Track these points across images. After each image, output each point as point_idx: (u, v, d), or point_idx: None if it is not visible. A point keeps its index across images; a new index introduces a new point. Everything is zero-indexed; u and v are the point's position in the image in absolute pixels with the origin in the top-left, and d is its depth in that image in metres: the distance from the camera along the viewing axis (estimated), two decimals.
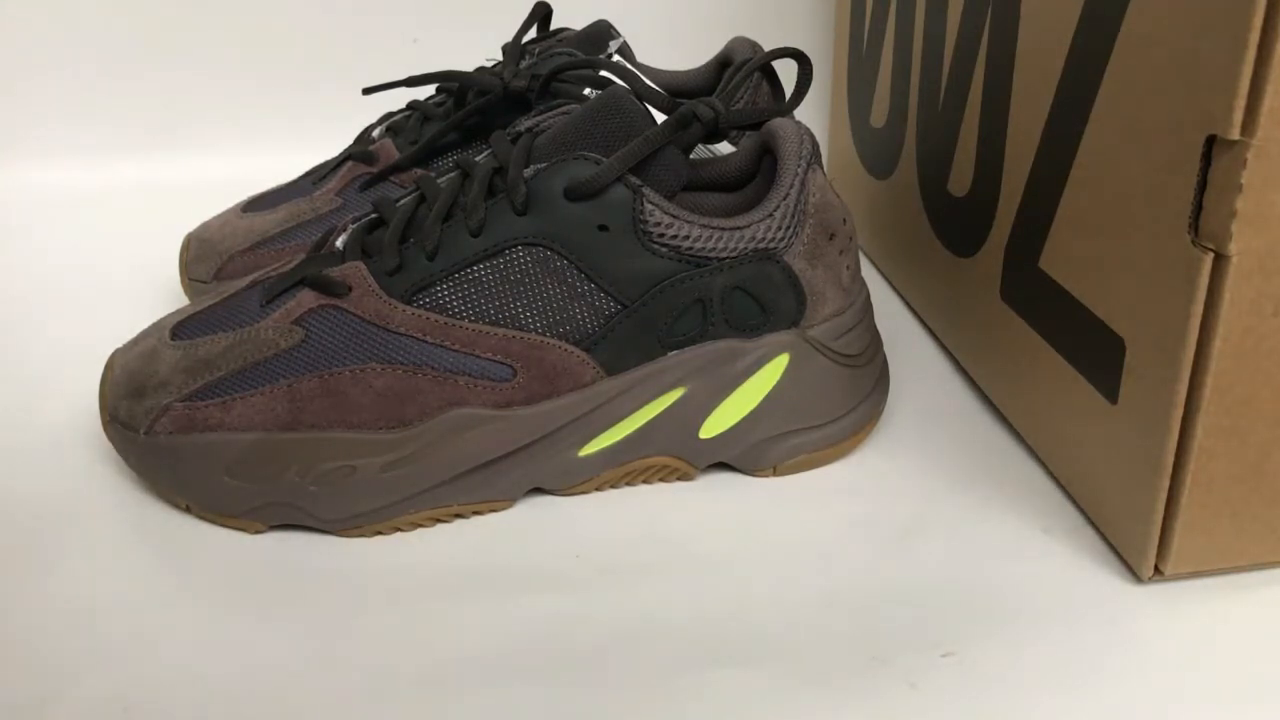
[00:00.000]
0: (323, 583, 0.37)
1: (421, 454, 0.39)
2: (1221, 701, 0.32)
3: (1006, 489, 0.42)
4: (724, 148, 0.45)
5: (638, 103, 0.39)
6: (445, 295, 0.38)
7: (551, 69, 0.48)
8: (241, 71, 0.81)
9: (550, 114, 0.42)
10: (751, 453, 0.42)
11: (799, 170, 0.40)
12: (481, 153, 0.41)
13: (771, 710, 0.32)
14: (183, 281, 0.54)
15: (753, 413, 0.42)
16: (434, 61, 0.62)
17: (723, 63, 0.56)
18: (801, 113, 0.77)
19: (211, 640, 0.35)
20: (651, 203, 0.38)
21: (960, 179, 0.48)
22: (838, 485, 0.43)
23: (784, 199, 0.39)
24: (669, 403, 0.41)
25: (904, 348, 0.54)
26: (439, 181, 0.41)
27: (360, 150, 0.55)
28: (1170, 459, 0.34)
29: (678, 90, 0.56)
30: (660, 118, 0.40)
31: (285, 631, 0.35)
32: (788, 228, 0.39)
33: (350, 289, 0.39)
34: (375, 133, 0.57)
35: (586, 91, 0.48)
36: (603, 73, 0.46)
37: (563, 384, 0.39)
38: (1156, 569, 0.36)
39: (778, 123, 0.41)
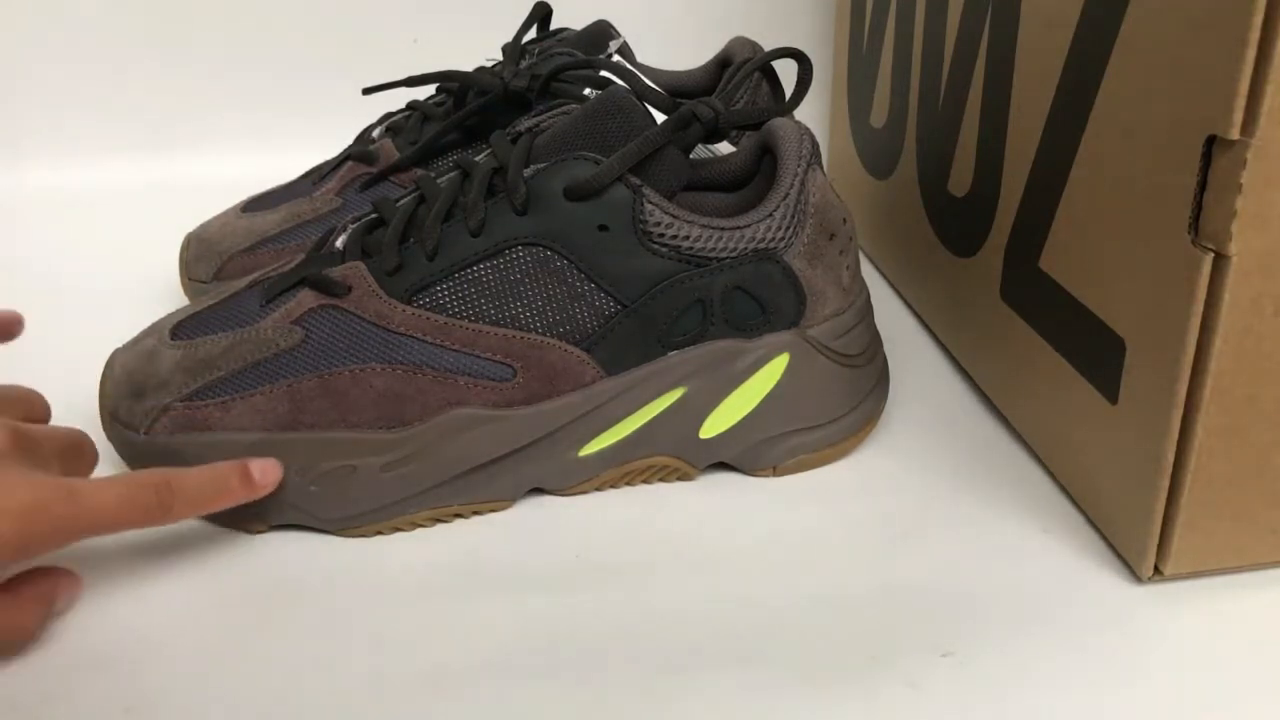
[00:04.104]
0: (323, 583, 0.37)
1: (421, 454, 0.39)
2: (1221, 701, 0.32)
3: (1006, 489, 0.42)
4: (724, 148, 0.45)
5: (638, 103, 0.39)
6: (445, 295, 0.38)
7: (551, 69, 0.48)
8: (241, 71, 0.81)
9: (550, 114, 0.42)
10: (751, 453, 0.42)
11: (799, 170, 0.40)
12: (481, 153, 0.41)
13: (771, 710, 0.32)
14: (183, 281, 0.54)
15: (753, 413, 0.42)
16: (434, 61, 0.62)
17: (723, 63, 0.56)
18: (801, 113, 0.77)
19: (211, 640, 0.35)
20: (651, 203, 0.38)
21: (960, 179, 0.48)
22: (838, 485, 0.43)
23: (784, 199, 0.39)
24: (669, 403, 0.41)
25: (904, 348, 0.54)
26: (439, 181, 0.41)
27: (360, 150, 0.55)
28: (1170, 459, 0.34)
29: (678, 90, 0.56)
30: (660, 118, 0.40)
31: (285, 631, 0.35)
32: (788, 228, 0.39)
33: (350, 289, 0.39)
34: (375, 133, 0.57)
35: (586, 91, 0.48)
36: (603, 73, 0.46)
37: (563, 384, 0.39)
38: (1156, 569, 0.36)
39: (777, 123, 0.41)
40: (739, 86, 0.43)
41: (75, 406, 0.48)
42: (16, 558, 0.31)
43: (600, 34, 0.54)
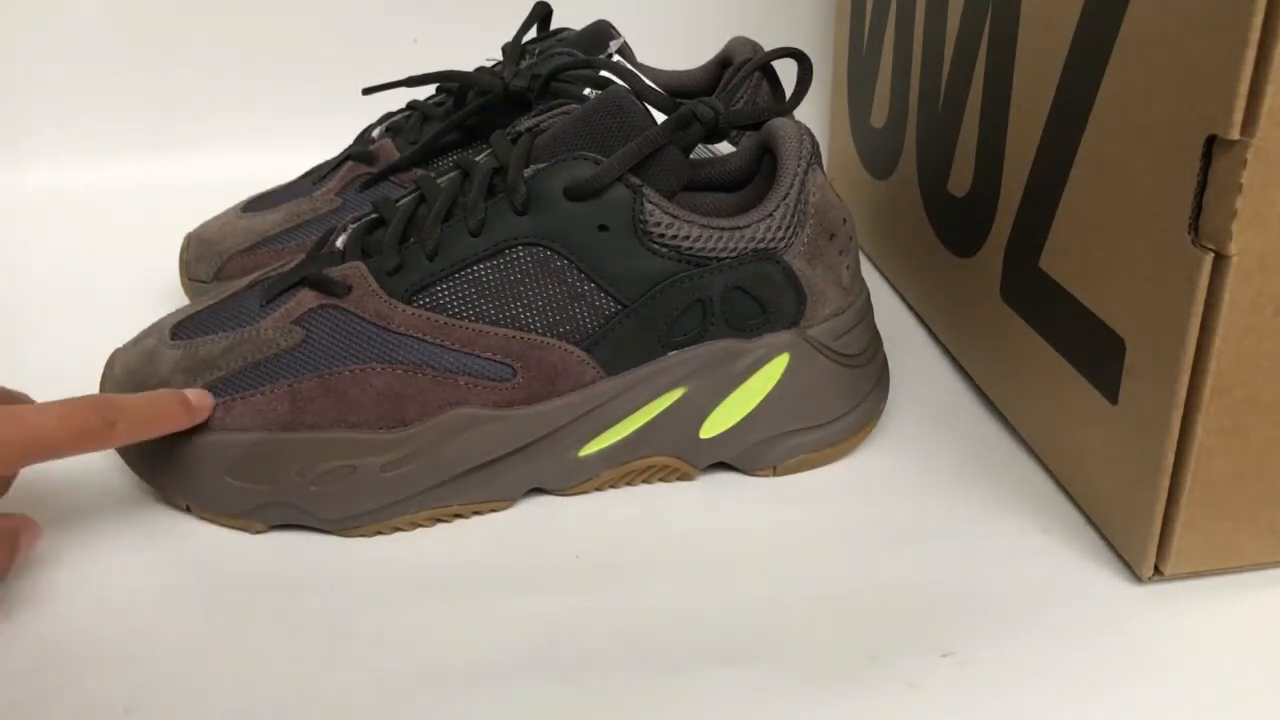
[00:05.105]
0: (323, 583, 0.37)
1: (421, 454, 0.39)
2: (1221, 701, 0.32)
3: (1006, 489, 0.42)
4: (724, 148, 0.45)
5: (638, 103, 0.39)
6: (445, 295, 0.38)
7: (551, 69, 0.48)
8: (241, 71, 0.81)
9: (550, 114, 0.42)
10: (751, 453, 0.42)
11: (799, 170, 0.40)
12: (481, 153, 0.41)
13: (771, 710, 0.32)
14: (183, 281, 0.54)
15: (753, 413, 0.42)
16: (434, 61, 0.62)
17: (723, 63, 0.56)
18: (801, 113, 0.77)
19: (211, 640, 0.35)
20: (651, 203, 0.38)
21: (960, 179, 0.48)
22: (838, 485, 0.43)
23: (784, 199, 0.39)
24: (669, 403, 0.41)
25: (904, 348, 0.54)
26: (439, 181, 0.41)
27: (360, 150, 0.55)
28: (1170, 459, 0.34)
29: (678, 90, 0.56)
30: (660, 118, 0.40)
31: (285, 631, 0.35)
32: (788, 228, 0.39)
33: (350, 289, 0.39)
34: (375, 133, 0.57)
35: (586, 91, 0.48)
36: (603, 73, 0.46)
37: (563, 384, 0.39)
38: (1156, 569, 0.36)
39: (777, 122, 0.41)
40: (739, 86, 0.43)
41: None
42: None
43: (600, 34, 0.54)
